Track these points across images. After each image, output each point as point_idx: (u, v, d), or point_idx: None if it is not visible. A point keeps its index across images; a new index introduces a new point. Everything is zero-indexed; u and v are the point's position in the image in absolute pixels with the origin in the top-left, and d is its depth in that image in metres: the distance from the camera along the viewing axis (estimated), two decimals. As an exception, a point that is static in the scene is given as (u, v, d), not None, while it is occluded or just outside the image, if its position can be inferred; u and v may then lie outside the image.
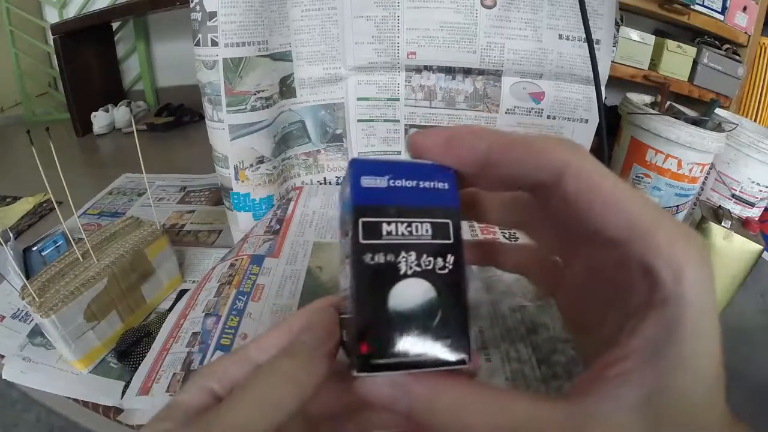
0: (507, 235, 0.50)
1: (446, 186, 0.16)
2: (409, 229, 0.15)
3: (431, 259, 0.15)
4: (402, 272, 0.15)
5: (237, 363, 0.17)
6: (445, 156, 0.16)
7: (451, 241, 0.15)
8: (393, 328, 0.14)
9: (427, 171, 0.16)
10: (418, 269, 0.15)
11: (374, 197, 0.15)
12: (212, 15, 0.45)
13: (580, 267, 0.18)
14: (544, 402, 0.14)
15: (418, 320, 0.14)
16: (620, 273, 0.15)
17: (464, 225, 0.16)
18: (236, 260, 0.47)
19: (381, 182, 0.15)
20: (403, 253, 0.15)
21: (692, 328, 0.13)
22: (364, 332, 0.14)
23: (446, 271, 0.15)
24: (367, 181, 0.15)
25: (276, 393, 0.15)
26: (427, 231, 0.15)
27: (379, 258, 0.14)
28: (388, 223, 0.15)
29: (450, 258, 0.15)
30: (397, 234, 0.15)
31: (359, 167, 0.15)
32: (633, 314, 0.14)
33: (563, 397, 0.14)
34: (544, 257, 0.20)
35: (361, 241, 0.14)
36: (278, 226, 0.52)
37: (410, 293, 0.14)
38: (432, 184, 0.16)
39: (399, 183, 0.15)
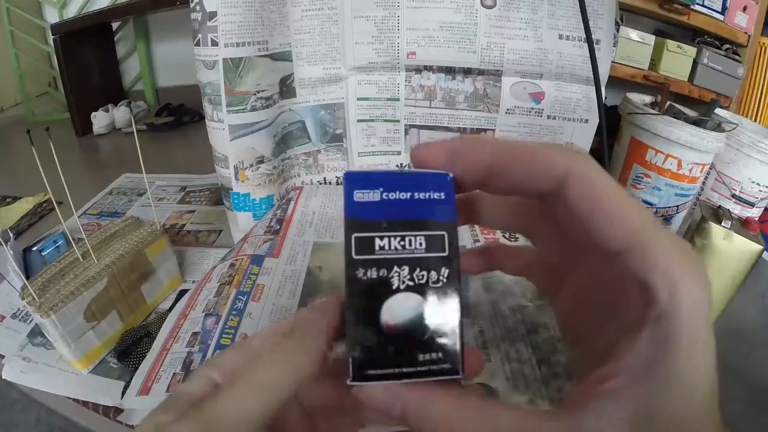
0: (507, 236, 0.50)
1: (442, 196, 0.16)
2: (402, 243, 0.15)
3: (424, 273, 0.15)
4: (394, 287, 0.15)
5: (240, 354, 0.17)
6: (450, 167, 0.16)
7: (446, 254, 0.15)
8: (385, 341, 0.14)
9: (422, 181, 0.16)
10: (410, 283, 0.15)
11: (367, 212, 0.15)
12: (212, 15, 0.45)
13: (579, 275, 0.18)
14: (532, 416, 0.14)
15: (410, 333, 0.15)
16: (617, 285, 0.15)
17: (464, 226, 0.16)
18: (236, 260, 0.47)
19: (374, 195, 0.15)
20: (395, 268, 0.15)
21: (685, 347, 0.13)
22: (358, 344, 0.14)
23: (440, 284, 0.15)
24: (359, 195, 0.15)
25: (271, 374, 0.15)
26: (420, 245, 0.15)
27: (372, 273, 0.14)
28: (381, 237, 0.15)
29: (444, 271, 0.15)
30: (389, 249, 0.15)
31: (352, 181, 0.15)
32: (627, 329, 0.14)
33: (553, 411, 0.15)
34: (547, 260, 0.20)
35: (354, 256, 0.14)
36: (278, 226, 0.52)
37: (402, 308, 0.15)
38: (428, 194, 0.16)
39: (393, 195, 0.15)
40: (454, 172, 0.16)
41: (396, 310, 0.15)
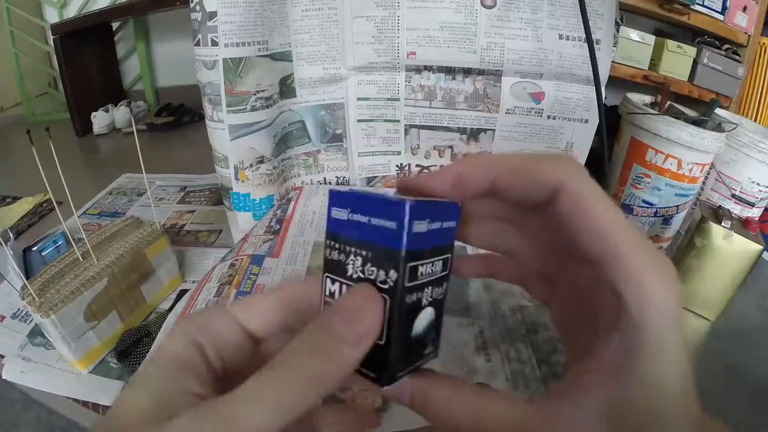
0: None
1: (454, 224, 0.18)
2: (432, 268, 0.16)
3: (437, 289, 0.17)
4: (422, 304, 0.16)
5: (221, 319, 0.17)
6: (456, 195, 0.17)
7: (447, 272, 0.18)
8: (412, 349, 0.16)
9: (446, 211, 0.17)
10: (430, 299, 0.17)
11: (418, 242, 0.15)
12: (212, 15, 0.45)
13: (566, 282, 0.19)
14: (516, 403, 0.16)
15: (425, 338, 0.17)
16: (596, 291, 0.16)
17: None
18: (236, 260, 0.47)
19: (424, 227, 0.16)
20: (425, 289, 0.16)
21: (652, 353, 0.14)
22: (396, 358, 0.16)
23: (441, 296, 0.17)
24: (417, 227, 0.15)
25: (296, 396, 0.14)
26: (439, 267, 0.17)
27: (413, 297, 0.16)
28: (423, 265, 0.16)
29: (445, 285, 0.18)
30: (425, 274, 0.16)
31: (415, 211, 0.15)
32: (604, 331, 0.16)
33: (535, 399, 0.16)
34: (539, 270, 0.21)
35: (406, 284, 0.15)
36: (278, 226, 0.52)
37: (424, 320, 0.17)
38: (450, 223, 0.17)
39: (434, 226, 0.16)
40: (458, 197, 0.17)
41: (422, 323, 0.16)
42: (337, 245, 0.16)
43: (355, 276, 0.16)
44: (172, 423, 0.13)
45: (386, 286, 0.15)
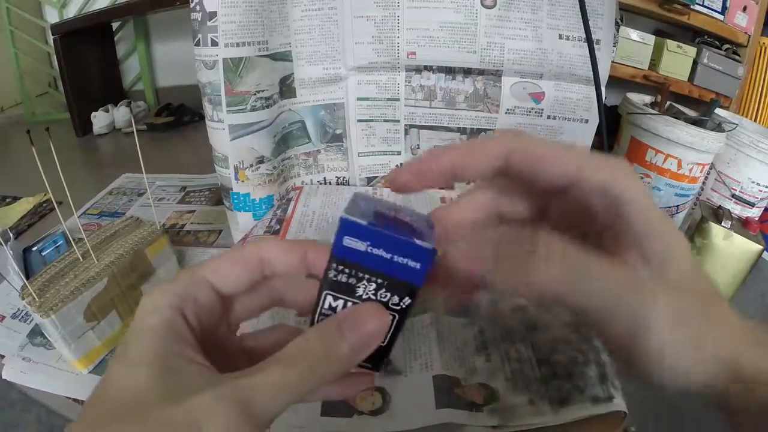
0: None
1: None
2: None
3: None
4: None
5: (196, 284, 0.18)
6: (420, 185, 0.20)
7: None
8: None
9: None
10: None
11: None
12: (212, 15, 0.45)
13: (555, 217, 0.22)
14: (616, 269, 0.18)
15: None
16: (584, 202, 0.19)
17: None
18: (236, 260, 0.47)
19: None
20: None
21: (657, 214, 0.18)
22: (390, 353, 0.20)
23: None
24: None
25: (304, 387, 0.16)
26: None
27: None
28: None
29: None
30: None
31: (435, 255, 0.18)
32: (612, 220, 0.18)
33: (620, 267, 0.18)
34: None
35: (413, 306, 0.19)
36: (278, 226, 0.52)
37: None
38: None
39: None
40: (421, 187, 0.20)
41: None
42: (347, 270, 0.18)
43: (365, 297, 0.18)
44: (194, 400, 0.14)
45: (397, 308, 0.18)
